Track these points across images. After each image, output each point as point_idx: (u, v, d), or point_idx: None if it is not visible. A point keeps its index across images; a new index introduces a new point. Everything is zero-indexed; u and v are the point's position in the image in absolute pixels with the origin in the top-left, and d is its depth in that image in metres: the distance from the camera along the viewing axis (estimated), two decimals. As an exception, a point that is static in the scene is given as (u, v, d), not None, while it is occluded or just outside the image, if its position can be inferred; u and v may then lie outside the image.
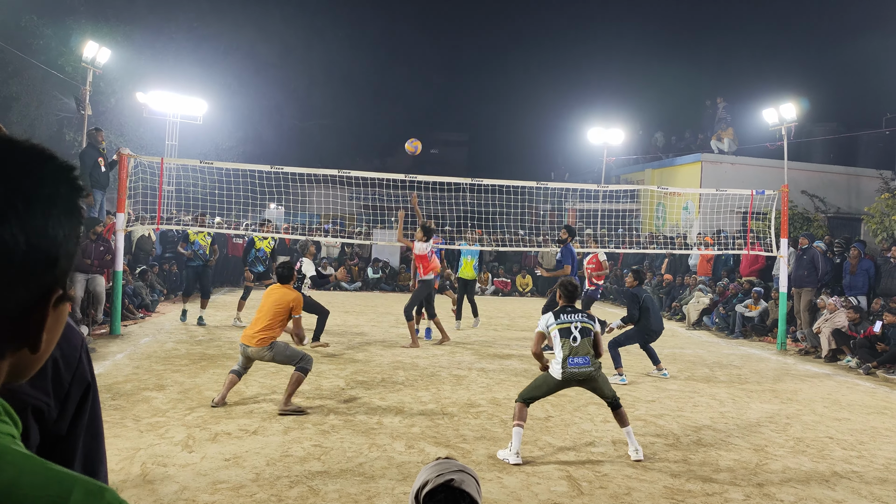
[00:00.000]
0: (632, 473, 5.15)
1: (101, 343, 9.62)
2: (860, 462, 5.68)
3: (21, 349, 0.84)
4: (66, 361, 1.24)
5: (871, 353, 10.07)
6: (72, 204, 0.86)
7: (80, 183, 0.88)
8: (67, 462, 1.25)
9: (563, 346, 5.59)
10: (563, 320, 5.72)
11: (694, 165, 21.55)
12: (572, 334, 5.62)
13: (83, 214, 0.90)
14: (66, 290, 0.88)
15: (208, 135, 22.89)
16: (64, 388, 1.24)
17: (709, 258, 16.36)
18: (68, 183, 0.86)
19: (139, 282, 13.30)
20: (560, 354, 5.58)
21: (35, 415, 1.17)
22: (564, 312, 5.80)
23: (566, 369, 5.52)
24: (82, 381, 1.28)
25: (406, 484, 4.67)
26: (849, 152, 23.07)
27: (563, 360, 5.54)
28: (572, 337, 5.61)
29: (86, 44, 13.93)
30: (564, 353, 5.56)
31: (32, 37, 19.97)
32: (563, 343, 5.60)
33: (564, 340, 5.61)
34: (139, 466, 4.81)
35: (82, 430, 1.28)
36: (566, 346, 5.58)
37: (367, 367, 8.71)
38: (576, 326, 5.67)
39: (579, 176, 28.21)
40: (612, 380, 7.64)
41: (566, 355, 5.55)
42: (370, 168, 26.84)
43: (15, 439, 0.82)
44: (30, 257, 0.79)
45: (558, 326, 5.70)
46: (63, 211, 0.84)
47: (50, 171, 0.84)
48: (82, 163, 12.45)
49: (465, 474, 1.91)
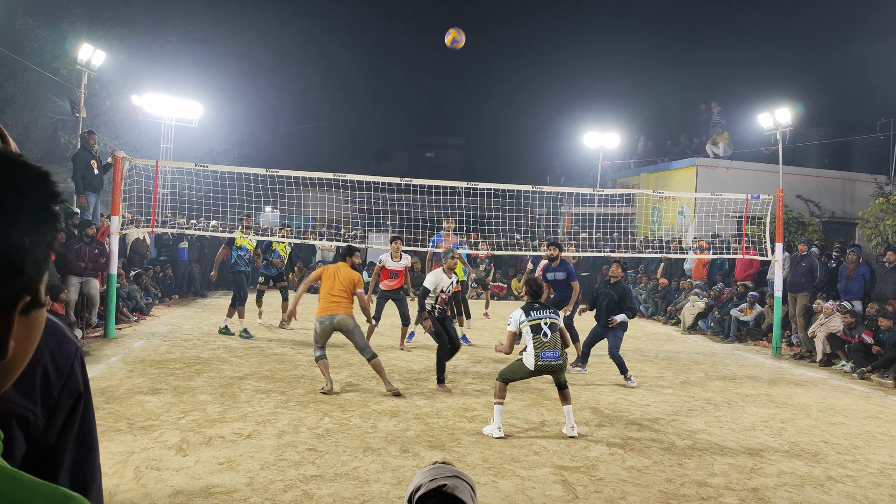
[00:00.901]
0: (627, 477, 5.14)
1: (95, 346, 9.58)
2: (855, 466, 5.69)
3: None
4: (56, 369, 1.20)
5: (866, 358, 10.10)
6: (42, 210, 0.84)
7: (53, 189, 0.86)
8: (53, 473, 1.20)
9: (534, 342, 6.11)
10: (534, 317, 6.21)
11: (689, 170, 21.59)
12: (542, 330, 6.14)
13: (58, 221, 0.87)
14: (38, 297, 0.86)
15: (204, 138, 22.83)
16: (53, 397, 1.19)
17: (704, 262, 16.38)
18: (38, 189, 0.84)
19: (133, 285, 13.25)
20: (532, 349, 6.11)
21: (20, 423, 1.13)
22: (533, 310, 6.27)
23: (539, 362, 6.08)
24: (74, 390, 1.24)
25: (401, 488, 4.66)
26: (843, 157, 23.14)
27: (536, 354, 6.08)
28: (542, 332, 6.13)
29: (81, 46, 13.91)
30: (537, 347, 6.09)
31: (27, 39, 19.91)
32: (534, 339, 6.12)
33: (536, 336, 6.13)
34: (133, 470, 4.79)
35: (71, 441, 1.24)
36: (537, 341, 6.11)
37: (362, 371, 8.69)
38: (545, 322, 6.18)
39: (575, 180, 28.24)
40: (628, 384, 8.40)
41: (538, 350, 6.09)
42: (366, 171, 26.80)
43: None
44: None
45: (529, 323, 6.19)
46: (30, 217, 0.82)
47: (15, 177, 0.82)
48: (75, 165, 12.41)
49: (460, 480, 1.89)
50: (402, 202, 20.24)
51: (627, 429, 6.56)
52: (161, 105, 19.18)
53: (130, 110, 20.37)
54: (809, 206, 19.86)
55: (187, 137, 21.24)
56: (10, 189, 0.81)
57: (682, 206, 20.90)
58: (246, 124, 25.53)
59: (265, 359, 9.26)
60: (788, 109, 15.35)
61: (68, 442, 1.23)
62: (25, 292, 0.83)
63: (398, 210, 21.27)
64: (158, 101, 19.13)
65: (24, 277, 0.82)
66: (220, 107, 22.99)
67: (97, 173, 12.19)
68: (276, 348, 10.12)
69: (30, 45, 19.88)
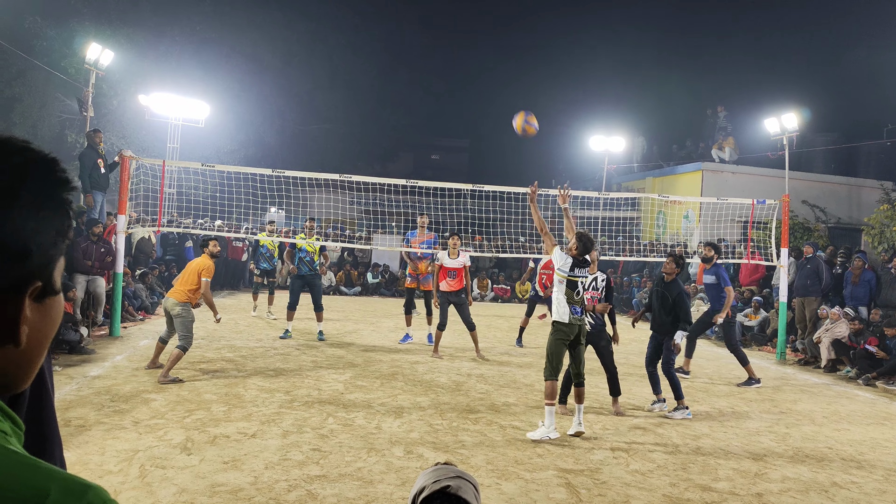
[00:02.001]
0: (630, 481, 5.14)
1: (100, 345, 9.61)
2: (860, 473, 5.68)
3: (6, 345, 0.83)
4: None
5: (871, 364, 10.07)
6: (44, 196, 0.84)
7: (61, 176, 0.86)
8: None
9: (566, 295, 6.29)
10: (576, 273, 6.34)
11: (695, 174, 21.57)
12: (577, 288, 6.33)
13: (69, 208, 0.88)
14: (52, 284, 0.86)
15: (210, 138, 22.89)
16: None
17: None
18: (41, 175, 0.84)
19: (139, 284, 13.29)
20: (563, 300, 6.28)
21: None
22: (578, 266, 6.36)
23: (572, 315, 6.27)
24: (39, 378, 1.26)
25: (404, 489, 4.66)
26: (850, 163, 23.10)
27: (568, 306, 6.27)
28: (577, 291, 6.32)
29: (89, 46, 13.96)
30: (568, 300, 6.28)
31: (36, 38, 20.01)
32: (566, 293, 6.29)
33: (569, 291, 6.30)
34: (138, 468, 4.81)
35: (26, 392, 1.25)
36: (569, 295, 6.29)
37: (366, 372, 8.70)
38: (582, 283, 6.39)
39: (580, 183, 28.20)
40: (675, 415, 7.20)
41: (569, 303, 6.28)
42: (371, 172, 26.83)
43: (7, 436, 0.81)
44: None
45: (569, 277, 6.31)
46: (33, 203, 0.82)
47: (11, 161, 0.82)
48: (82, 164, 12.45)
49: (463, 480, 1.90)
50: (408, 204, 20.27)
51: (631, 432, 6.55)
52: (168, 105, 19.24)
53: (137, 110, 20.44)
54: (815, 212, 19.83)
55: (194, 137, 21.30)
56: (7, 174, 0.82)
57: (688, 211, 20.88)
58: (252, 125, 25.58)
59: (270, 359, 9.28)
60: (795, 114, 15.31)
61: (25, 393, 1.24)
62: (36, 278, 0.84)
63: (403, 211, 21.31)
64: (165, 101, 19.19)
65: (31, 263, 0.83)
66: (227, 107, 23.05)
67: (103, 172, 12.23)
68: (280, 348, 10.13)
69: (38, 44, 19.98)
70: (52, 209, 0.85)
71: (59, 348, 8.60)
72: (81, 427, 5.67)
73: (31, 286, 0.84)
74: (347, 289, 20.42)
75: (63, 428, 5.53)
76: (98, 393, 6.86)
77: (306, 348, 10.26)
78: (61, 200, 0.86)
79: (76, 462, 4.83)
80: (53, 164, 0.86)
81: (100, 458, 4.95)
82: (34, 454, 1.23)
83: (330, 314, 14.82)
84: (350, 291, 20.35)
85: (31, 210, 0.82)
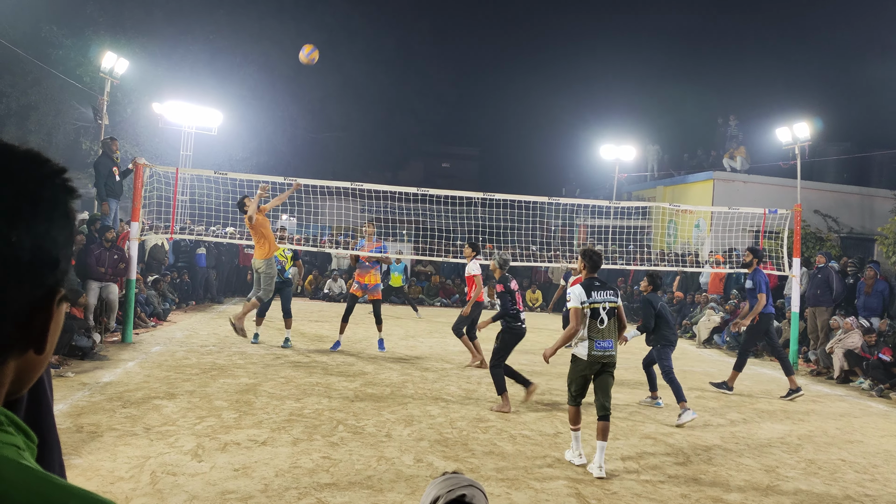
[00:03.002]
0: (641, 491, 5.12)
1: (112, 351, 9.67)
2: (873, 486, 5.62)
3: (27, 351, 0.86)
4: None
5: (885, 375, 9.98)
6: (67, 206, 0.88)
7: (72, 185, 0.89)
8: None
9: (589, 327, 5.61)
10: (595, 299, 5.66)
11: (706, 183, 21.50)
12: (600, 316, 5.64)
13: (76, 217, 0.91)
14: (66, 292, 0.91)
15: (223, 146, 23.07)
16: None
17: (720, 276, 16.28)
18: (63, 186, 0.88)
19: (151, 290, 13.37)
20: (585, 335, 5.62)
21: None
22: (594, 289, 5.71)
23: (593, 352, 5.58)
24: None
25: (414, 498, 4.66)
26: (862, 172, 22.96)
27: (590, 342, 5.59)
28: (599, 319, 5.63)
29: (104, 54, 14.12)
30: (591, 335, 5.60)
31: (52, 47, 20.25)
32: (590, 324, 5.61)
33: (592, 322, 5.62)
34: (149, 475, 4.83)
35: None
36: (593, 327, 5.61)
37: (377, 380, 8.71)
38: (604, 308, 5.66)
39: (590, 192, 28.20)
40: (681, 420, 7.23)
41: (593, 338, 5.60)
42: (382, 181, 26.93)
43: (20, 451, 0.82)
44: (36, 258, 0.82)
45: (591, 305, 5.65)
46: (62, 213, 0.86)
47: (48, 174, 0.86)
48: (97, 172, 12.57)
49: (475, 489, 1.91)
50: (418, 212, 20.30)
51: (642, 442, 6.52)
52: (181, 113, 19.41)
53: (151, 118, 20.63)
54: (827, 222, 19.71)
55: (207, 145, 21.48)
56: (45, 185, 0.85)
57: (699, 220, 20.80)
58: (264, 133, 25.76)
59: (280, 366, 9.31)
60: (807, 124, 15.25)
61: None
62: (61, 286, 0.87)
63: (413, 220, 21.33)
64: (179, 109, 19.36)
65: (59, 272, 0.86)
66: (240, 115, 23.23)
67: (118, 180, 12.35)
68: (291, 356, 10.16)
69: (54, 53, 20.21)
70: (71, 218, 0.89)
71: (71, 354, 8.66)
72: (93, 433, 5.70)
73: (58, 294, 0.87)
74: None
75: (75, 434, 5.58)
76: (110, 399, 6.90)
77: (317, 355, 10.29)
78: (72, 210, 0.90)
79: (88, 468, 4.86)
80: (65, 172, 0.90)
81: (111, 465, 4.98)
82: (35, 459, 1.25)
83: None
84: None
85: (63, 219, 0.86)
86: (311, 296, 20.44)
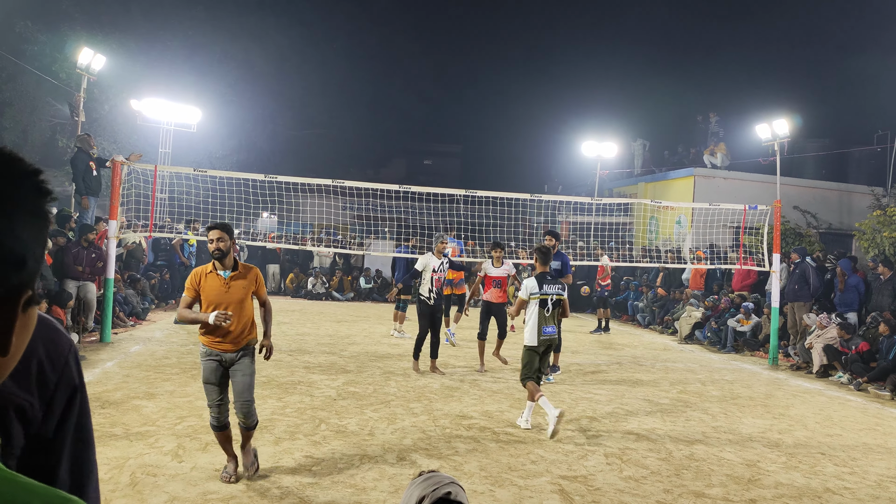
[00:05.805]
0: (624, 487, 5.13)
1: (90, 351, 9.54)
2: (852, 478, 5.68)
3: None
4: (51, 363, 1.23)
5: (864, 369, 10.10)
6: (37, 207, 0.86)
7: (46, 186, 0.88)
8: (53, 468, 1.22)
9: (538, 315, 6.51)
10: (545, 291, 6.57)
11: (687, 180, 21.64)
12: (547, 305, 6.55)
13: (50, 218, 0.90)
14: (35, 294, 0.88)
15: (202, 143, 22.85)
16: (49, 389, 1.22)
17: (702, 273, 16.40)
18: (34, 186, 0.86)
19: (130, 289, 13.21)
20: (535, 322, 6.53)
21: (18, 414, 1.15)
22: (545, 282, 6.61)
23: (541, 337, 6.54)
24: (69, 384, 1.26)
25: (397, 496, 4.64)
26: (841, 168, 23.24)
27: (539, 329, 6.51)
28: (546, 308, 6.54)
29: (80, 50, 13.92)
30: (539, 322, 6.52)
31: (27, 42, 19.94)
32: (538, 312, 6.52)
33: (540, 311, 6.53)
34: (129, 476, 4.76)
35: (69, 434, 1.26)
36: (540, 315, 6.52)
37: (359, 378, 8.66)
38: (552, 299, 6.60)
39: (572, 189, 28.29)
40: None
41: (540, 325, 6.52)
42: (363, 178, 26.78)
43: None
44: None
45: (540, 296, 6.56)
46: (29, 212, 0.84)
47: (15, 173, 0.84)
48: (75, 168, 12.37)
49: (457, 486, 1.90)
50: (400, 209, 20.26)
51: (624, 439, 6.54)
52: (160, 110, 19.18)
53: (129, 115, 20.39)
54: (807, 218, 19.92)
55: (186, 142, 21.25)
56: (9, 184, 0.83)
57: (680, 216, 20.95)
58: (244, 130, 25.56)
59: (261, 365, 9.22)
60: (786, 121, 15.40)
61: (66, 436, 1.26)
62: (28, 287, 0.85)
63: (396, 217, 21.30)
64: (157, 106, 19.13)
65: (26, 272, 0.84)
66: (219, 112, 23.02)
67: (95, 175, 12.17)
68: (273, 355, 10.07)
69: (29, 49, 19.91)
70: (43, 219, 0.87)
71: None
72: (71, 434, 5.60)
73: (24, 295, 0.84)
74: (340, 294, 20.37)
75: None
76: (88, 400, 6.79)
77: (299, 354, 10.22)
78: (46, 211, 0.88)
79: (65, 470, 4.78)
80: (39, 174, 0.88)
81: (90, 466, 4.90)
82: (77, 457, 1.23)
83: (323, 320, 14.78)
84: (343, 297, 20.30)
85: (30, 219, 0.84)
86: (292, 294, 20.32)
